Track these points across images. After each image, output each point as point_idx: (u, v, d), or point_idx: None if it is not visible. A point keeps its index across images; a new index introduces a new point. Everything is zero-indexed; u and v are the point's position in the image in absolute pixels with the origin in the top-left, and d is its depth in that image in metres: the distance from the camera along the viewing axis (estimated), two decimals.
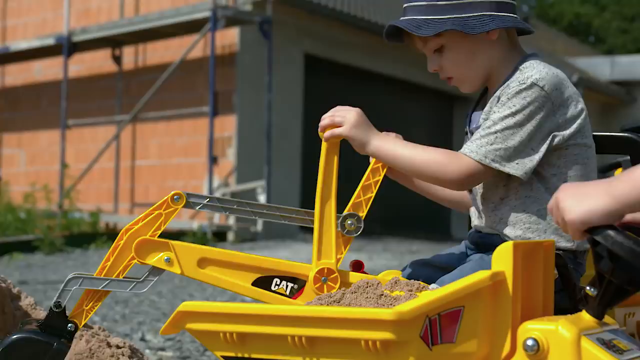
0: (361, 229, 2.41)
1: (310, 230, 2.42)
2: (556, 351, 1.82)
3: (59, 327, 2.39)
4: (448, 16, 2.33)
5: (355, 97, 15.46)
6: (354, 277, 2.40)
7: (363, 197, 2.42)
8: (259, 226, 13.52)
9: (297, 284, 2.41)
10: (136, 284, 2.42)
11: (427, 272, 2.47)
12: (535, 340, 1.83)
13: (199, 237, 12.33)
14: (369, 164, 2.44)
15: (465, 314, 1.85)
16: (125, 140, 15.62)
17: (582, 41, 33.40)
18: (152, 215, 2.42)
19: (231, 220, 13.49)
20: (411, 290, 2.15)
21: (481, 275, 1.86)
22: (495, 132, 2.27)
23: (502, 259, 1.88)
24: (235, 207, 2.46)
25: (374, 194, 2.42)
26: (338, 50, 15.81)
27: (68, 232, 12.91)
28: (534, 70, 2.31)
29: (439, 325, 1.82)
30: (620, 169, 3.10)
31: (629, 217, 2.05)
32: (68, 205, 14.25)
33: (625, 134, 2.81)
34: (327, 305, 2.12)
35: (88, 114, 16.08)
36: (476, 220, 2.48)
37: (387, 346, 1.81)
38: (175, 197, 2.42)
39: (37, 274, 9.21)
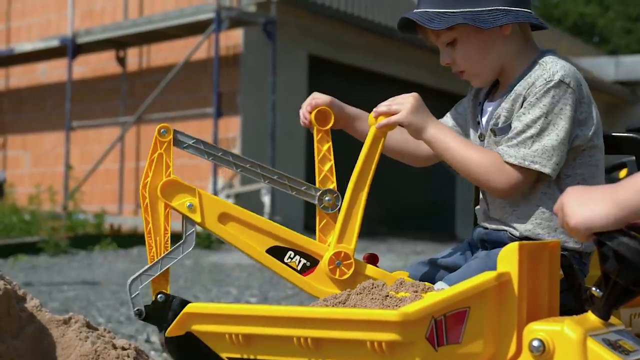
0: (339, 199, 2.42)
1: (310, 230, 2.42)
2: (562, 352, 1.82)
3: (158, 309, 2.41)
4: (461, 10, 2.33)
5: (359, 97, 15.43)
6: (369, 269, 2.41)
7: (325, 170, 2.45)
8: None
9: (310, 262, 2.41)
10: (183, 247, 2.43)
11: (432, 272, 2.47)
12: (541, 341, 1.83)
13: (203, 238, 12.31)
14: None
15: (470, 314, 1.85)
16: (129, 141, 15.64)
17: (586, 41, 33.33)
18: (154, 159, 2.43)
19: None
20: (417, 292, 2.14)
21: (487, 276, 1.86)
22: (532, 136, 2.27)
23: (508, 259, 1.88)
24: (219, 154, 2.45)
25: (332, 161, 2.45)
26: (342, 51, 15.82)
27: (73, 234, 12.91)
28: (557, 66, 2.31)
29: (444, 326, 1.82)
30: (625, 170, 3.10)
31: None
32: (72, 207, 14.25)
33: (631, 134, 2.80)
34: (333, 306, 2.12)
35: (92, 116, 16.10)
36: (482, 217, 2.48)
37: (393, 347, 1.81)
38: (162, 130, 2.43)
39: (41, 276, 9.22)
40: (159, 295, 2.41)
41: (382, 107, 2.41)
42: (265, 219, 2.45)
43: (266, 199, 13.39)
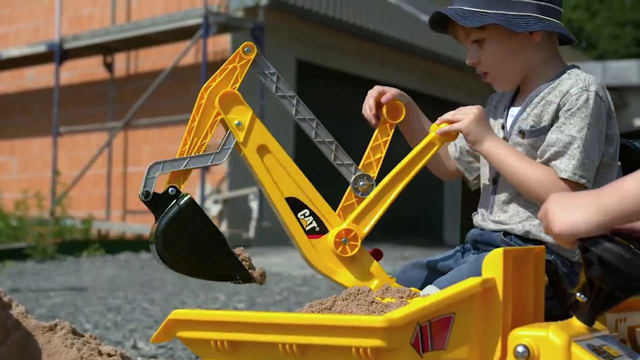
0: (373, 188, 2.45)
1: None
2: (546, 357, 1.82)
3: (165, 200, 2.37)
4: (495, 11, 2.36)
5: (347, 102, 15.46)
6: (370, 261, 2.44)
7: (373, 158, 2.48)
8: (251, 232, 13.51)
9: (320, 228, 2.43)
10: (215, 156, 2.42)
11: (423, 274, 2.48)
12: (525, 346, 1.84)
13: None
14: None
15: (456, 320, 1.85)
16: (117, 146, 15.60)
17: (574, 46, 33.41)
18: (227, 69, 2.44)
19: (222, 228, 13.46)
20: (402, 297, 2.15)
21: (472, 282, 1.86)
22: (578, 147, 2.28)
23: (493, 265, 1.88)
24: (287, 94, 2.47)
25: (383, 154, 2.48)
26: (330, 56, 15.82)
27: (60, 240, 12.88)
28: (590, 79, 2.34)
29: (429, 332, 1.82)
30: None
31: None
32: (60, 213, 14.22)
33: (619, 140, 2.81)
34: (319, 312, 2.12)
35: (80, 121, 16.06)
36: (480, 219, 2.49)
37: (378, 353, 1.81)
38: (246, 48, 2.45)
39: (29, 282, 9.19)
40: (170, 189, 2.37)
41: (448, 115, 2.44)
42: (299, 169, 2.45)
43: (254, 205, 13.38)
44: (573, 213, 1.80)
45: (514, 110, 2.48)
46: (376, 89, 2.55)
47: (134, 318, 6.70)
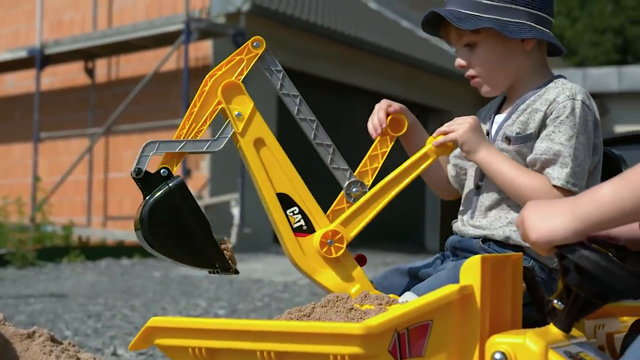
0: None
1: (278, 243, 2.43)
2: None
3: (155, 180, 2.37)
4: (490, 16, 2.38)
5: (329, 108, 15.48)
6: (354, 266, 2.44)
7: (369, 167, 2.49)
8: (233, 238, 13.48)
9: (308, 227, 2.43)
10: (211, 143, 2.42)
11: (402, 280, 2.49)
12: (503, 353, 1.84)
13: None
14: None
15: (433, 327, 1.85)
16: (98, 152, 15.56)
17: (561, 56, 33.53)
18: (234, 60, 2.45)
19: None
20: (381, 304, 2.15)
21: (449, 289, 1.86)
22: (570, 155, 2.29)
23: (470, 272, 1.89)
24: (291, 93, 2.48)
25: (380, 165, 2.49)
26: (311, 62, 15.84)
27: (40, 246, 12.83)
28: (577, 88, 2.36)
29: (407, 339, 1.82)
30: None
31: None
32: (40, 219, 14.16)
33: None
34: (297, 319, 2.11)
35: (61, 127, 16.01)
36: (460, 224, 2.50)
37: None
38: (255, 43, 2.46)
39: (8, 289, 9.14)
40: (162, 170, 2.37)
41: (444, 127, 2.45)
42: (292, 167, 2.46)
43: (235, 211, 13.36)
44: (550, 221, 1.80)
45: (499, 118, 2.50)
46: (385, 102, 2.55)
47: (114, 325, 6.68)
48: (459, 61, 2.48)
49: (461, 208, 2.55)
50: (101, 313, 7.29)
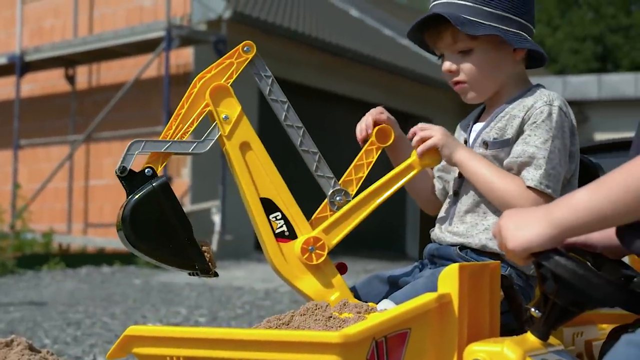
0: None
1: (260, 250, 2.44)
2: None
3: (139, 179, 2.36)
4: (490, 23, 2.37)
5: (310, 115, 15.48)
6: (334, 273, 2.44)
7: (354, 176, 2.49)
8: (214, 246, 13.45)
9: (290, 233, 2.43)
10: (197, 145, 2.42)
11: (382, 288, 2.49)
12: None
13: None
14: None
15: (411, 336, 1.85)
16: (79, 160, 15.50)
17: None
18: (224, 64, 2.46)
19: None
20: (360, 312, 2.14)
21: (427, 297, 1.86)
22: (544, 157, 2.31)
23: (448, 280, 1.89)
24: (279, 99, 2.51)
25: (365, 174, 2.48)
26: (293, 69, 15.84)
27: (20, 253, 12.75)
28: (554, 95, 2.38)
29: (385, 348, 1.82)
30: None
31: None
32: (20, 226, 14.09)
33: None
34: (276, 327, 2.11)
35: (41, 134, 15.94)
36: (438, 231, 2.50)
37: None
38: (245, 47, 2.46)
39: None
40: (147, 169, 2.37)
41: (417, 136, 2.44)
42: (277, 172, 2.46)
43: (216, 218, 13.34)
44: (526, 229, 1.80)
45: (477, 126, 2.51)
46: (378, 108, 2.55)
47: (94, 333, 6.65)
48: (450, 66, 2.45)
49: (439, 216, 2.56)
50: (81, 321, 7.26)
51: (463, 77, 2.45)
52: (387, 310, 1.98)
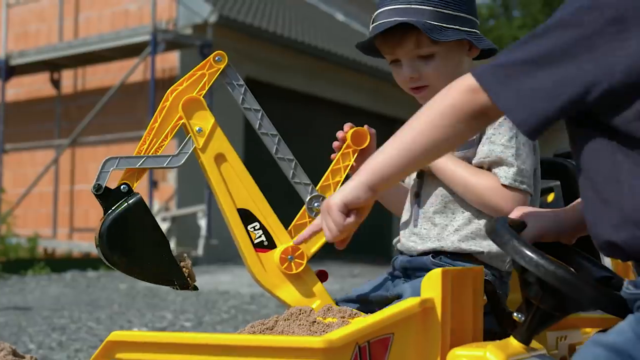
0: None
1: None
2: None
3: (115, 196, 2.38)
4: (453, 26, 2.35)
5: (296, 120, 15.50)
6: (315, 282, 2.44)
7: (332, 181, 2.48)
8: (200, 250, 13.44)
9: (269, 242, 2.43)
10: (171, 159, 2.42)
11: (360, 308, 2.46)
12: None
13: None
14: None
15: (395, 341, 1.86)
16: (64, 164, 15.46)
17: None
18: (196, 75, 2.43)
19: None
20: (344, 317, 2.15)
21: (410, 302, 1.87)
22: (513, 155, 2.31)
23: (431, 285, 1.90)
24: (252, 108, 2.49)
25: (342, 178, 2.47)
26: (279, 73, 15.85)
27: (4, 258, 12.70)
28: None
29: (368, 353, 1.83)
30: (552, 194, 3.13)
31: (534, 231, 2.07)
32: (5, 231, 14.03)
33: (558, 159, 2.84)
34: (260, 332, 2.11)
35: (26, 138, 15.89)
36: (404, 240, 2.47)
37: None
38: (217, 57, 2.44)
39: None
40: (122, 186, 2.38)
41: None
42: (253, 182, 2.45)
43: (202, 223, 13.32)
44: (343, 188, 2.03)
45: None
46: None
47: (80, 337, 6.63)
48: (412, 73, 2.40)
49: (402, 221, 2.53)
50: (66, 326, 7.23)
51: (425, 82, 2.41)
52: (374, 314, 1.98)
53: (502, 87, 1.74)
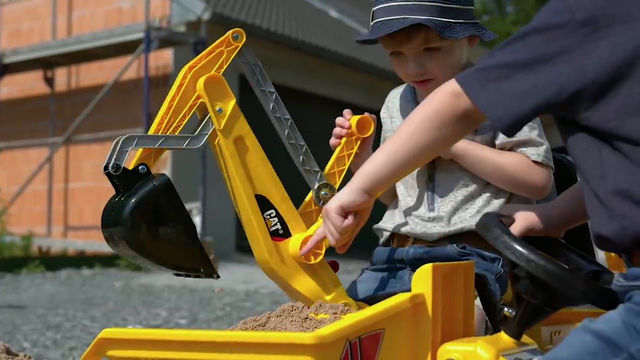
0: None
1: (241, 251, 2.39)
2: None
3: (134, 177, 2.21)
4: (462, 21, 2.35)
5: (291, 117, 15.47)
6: (331, 272, 2.41)
7: (337, 169, 2.45)
8: None
9: (284, 231, 2.34)
10: (191, 140, 2.28)
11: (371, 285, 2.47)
12: None
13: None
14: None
15: (385, 336, 1.86)
16: (58, 162, 15.44)
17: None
18: (214, 52, 2.35)
19: None
20: (336, 313, 2.15)
21: (401, 297, 1.87)
22: (538, 135, 2.39)
23: (422, 281, 1.90)
24: (267, 90, 2.45)
25: (346, 166, 2.44)
26: (273, 71, 15.81)
27: None
28: None
29: (359, 348, 1.83)
30: None
31: (522, 225, 2.08)
32: None
33: (552, 154, 2.84)
34: (252, 329, 2.11)
35: (20, 136, 15.87)
36: (420, 225, 2.45)
37: None
38: (234, 35, 2.37)
39: None
40: (140, 166, 2.21)
41: None
42: (272, 168, 2.36)
43: (197, 220, 13.31)
44: (339, 193, 2.10)
45: None
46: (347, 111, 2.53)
47: (74, 336, 6.63)
48: (417, 69, 2.40)
49: (405, 207, 2.52)
50: (61, 324, 7.23)
51: (430, 75, 2.41)
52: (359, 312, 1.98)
53: (481, 89, 1.82)
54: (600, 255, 2.68)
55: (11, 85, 16.26)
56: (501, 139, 2.40)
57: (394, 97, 2.66)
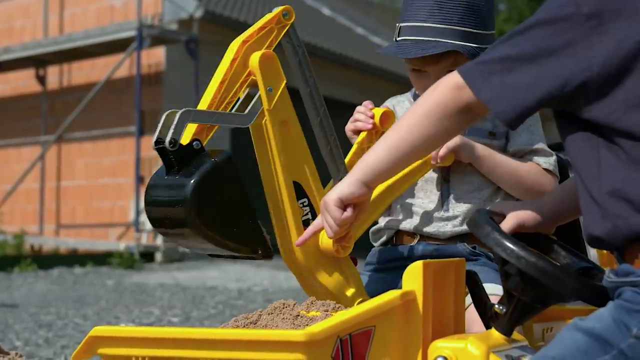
0: None
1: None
2: None
3: (189, 153, 2.10)
4: (487, 46, 2.32)
5: None
6: (352, 267, 2.38)
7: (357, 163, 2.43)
8: None
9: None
10: (241, 118, 2.20)
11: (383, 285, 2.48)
12: (445, 358, 1.85)
13: (125, 258, 12.20)
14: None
15: (376, 333, 1.86)
16: (50, 160, 15.42)
17: None
18: (266, 29, 2.26)
19: (159, 241, 13.36)
20: (327, 311, 2.15)
21: (392, 294, 1.87)
22: (545, 144, 2.52)
23: (413, 278, 1.90)
24: (309, 78, 2.35)
25: None
26: None
27: None
28: None
29: (350, 345, 1.82)
30: None
31: (513, 222, 2.08)
32: None
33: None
34: (243, 326, 2.11)
35: (12, 135, 15.85)
36: (433, 225, 2.50)
37: None
38: (284, 12, 2.28)
39: None
40: (195, 142, 2.10)
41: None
42: (310, 156, 2.30)
43: None
44: (338, 185, 2.07)
45: None
46: (367, 102, 2.54)
47: (66, 334, 6.62)
48: (429, 85, 2.42)
49: (417, 207, 2.54)
50: (53, 323, 7.22)
51: None
52: (350, 309, 1.98)
53: (484, 82, 1.80)
54: (592, 252, 2.69)
55: (3, 83, 16.24)
56: (516, 146, 2.50)
57: (402, 100, 2.68)
